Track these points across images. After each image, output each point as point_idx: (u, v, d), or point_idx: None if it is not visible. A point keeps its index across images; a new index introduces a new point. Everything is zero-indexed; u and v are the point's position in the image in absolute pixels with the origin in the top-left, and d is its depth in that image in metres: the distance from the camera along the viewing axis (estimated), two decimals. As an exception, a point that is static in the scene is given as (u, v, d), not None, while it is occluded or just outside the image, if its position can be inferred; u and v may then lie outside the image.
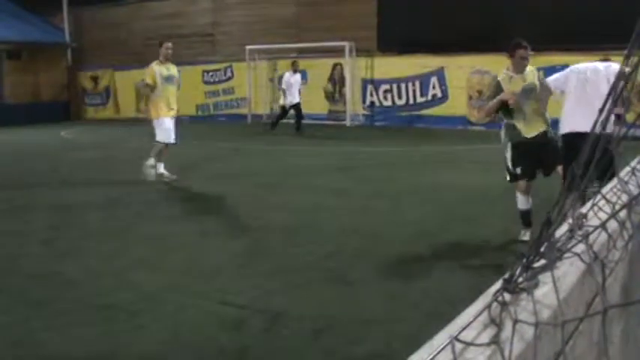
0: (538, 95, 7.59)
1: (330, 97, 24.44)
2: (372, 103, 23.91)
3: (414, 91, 22.89)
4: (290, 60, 21.33)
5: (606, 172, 1.82)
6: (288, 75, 20.14)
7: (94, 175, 13.03)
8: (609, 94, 1.60)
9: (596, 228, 1.73)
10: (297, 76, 20.34)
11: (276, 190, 10.96)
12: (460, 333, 1.18)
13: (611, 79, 7.21)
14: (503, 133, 7.67)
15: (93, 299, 5.77)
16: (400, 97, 23.23)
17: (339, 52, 23.36)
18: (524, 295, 1.37)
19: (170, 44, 12.07)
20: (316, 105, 23.55)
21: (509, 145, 7.55)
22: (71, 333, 5.00)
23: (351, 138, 19.80)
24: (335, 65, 24.29)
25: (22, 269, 6.75)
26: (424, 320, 4.99)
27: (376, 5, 23.28)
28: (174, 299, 5.71)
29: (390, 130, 21.69)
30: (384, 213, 9.22)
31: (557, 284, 1.38)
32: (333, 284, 6.13)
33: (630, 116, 12.85)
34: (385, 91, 23.53)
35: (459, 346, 1.12)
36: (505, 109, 7.48)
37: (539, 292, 1.40)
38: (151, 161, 11.56)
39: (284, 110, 20.47)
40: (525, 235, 7.43)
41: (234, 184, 11.54)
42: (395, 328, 4.99)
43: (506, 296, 1.35)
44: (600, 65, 7.88)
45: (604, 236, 1.96)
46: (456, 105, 21.97)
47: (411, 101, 23.03)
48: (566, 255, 1.68)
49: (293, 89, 19.99)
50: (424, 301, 5.53)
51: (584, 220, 2.03)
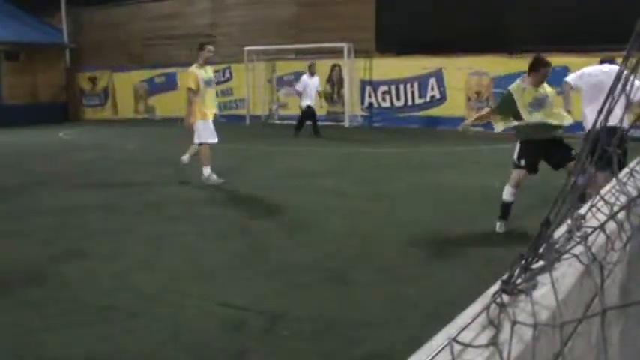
0: (551, 102, 7.85)
1: (329, 98, 24.44)
2: (371, 104, 23.93)
3: (412, 92, 22.90)
4: (288, 61, 21.33)
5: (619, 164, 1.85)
6: (305, 77, 19.86)
7: (93, 176, 13.04)
8: (609, 92, 1.61)
9: (595, 229, 1.74)
10: (315, 79, 20.08)
11: (276, 191, 10.96)
12: (459, 334, 1.18)
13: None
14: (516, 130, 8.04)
15: (92, 300, 5.77)
16: (399, 98, 23.24)
17: (337, 53, 23.37)
18: (522, 297, 1.37)
19: (212, 47, 11.91)
20: (315, 106, 23.56)
21: (518, 142, 8.02)
22: (71, 333, 5.01)
23: (350, 139, 19.80)
24: (333, 66, 24.29)
25: (22, 270, 6.75)
26: (424, 321, 4.99)
27: (375, 6, 23.29)
28: (173, 300, 5.71)
29: (389, 131, 21.69)
30: (383, 214, 9.23)
31: (555, 285, 1.39)
32: (332, 285, 6.13)
33: (629, 118, 12.82)
34: (384, 92, 23.54)
35: (457, 348, 1.12)
36: (514, 114, 7.80)
37: (537, 294, 1.40)
38: (207, 171, 11.59)
39: (303, 112, 20.26)
40: (501, 228, 7.95)
41: (233, 184, 11.53)
42: (394, 329, 5.00)
43: (505, 297, 1.36)
44: (610, 68, 8.49)
45: (602, 237, 1.96)
46: (455, 106, 21.98)
47: (410, 102, 23.04)
48: (565, 256, 1.68)
49: (310, 91, 19.73)
50: (424, 302, 5.53)
51: (582, 222, 2.03)
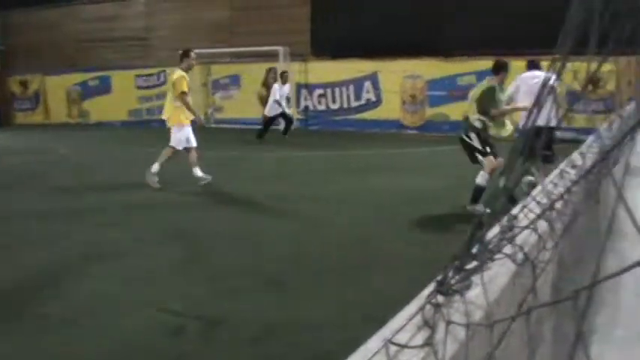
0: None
1: (264, 101, 24.39)
2: (307, 107, 23.97)
3: (348, 96, 23.03)
4: (223, 64, 21.20)
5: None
6: (277, 86, 19.64)
7: (24, 181, 12.76)
8: (539, 94, 1.64)
9: (523, 229, 1.77)
10: (286, 87, 19.98)
11: (212, 196, 10.89)
12: (394, 336, 1.19)
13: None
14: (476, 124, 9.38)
15: (26, 309, 5.65)
16: (334, 101, 23.35)
17: (272, 56, 23.34)
18: (457, 297, 1.39)
19: (194, 54, 12.12)
20: (250, 110, 23.47)
21: (473, 135, 9.32)
22: (1, 345, 4.89)
23: (286, 142, 19.78)
24: (269, 70, 24.25)
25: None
26: (362, 324, 5.01)
27: (310, 10, 23.34)
28: (110, 307, 5.62)
29: (325, 135, 21.76)
30: (320, 217, 9.24)
31: (488, 285, 1.41)
32: (272, 289, 6.12)
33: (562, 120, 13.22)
34: (319, 96, 23.62)
35: (393, 349, 1.13)
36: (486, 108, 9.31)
37: (471, 294, 1.42)
38: (156, 167, 11.61)
39: (287, 118, 20.21)
40: (478, 208, 8.77)
41: (168, 190, 11.42)
42: (333, 332, 5.01)
43: (440, 298, 1.37)
44: (539, 73, 10.55)
45: (534, 237, 2.00)
46: (390, 109, 22.18)
47: (345, 105, 23.17)
48: (498, 256, 1.71)
49: (281, 100, 19.61)
50: (361, 305, 5.55)
51: (515, 222, 2.07)
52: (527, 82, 10.62)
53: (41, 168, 14.85)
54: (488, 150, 9.23)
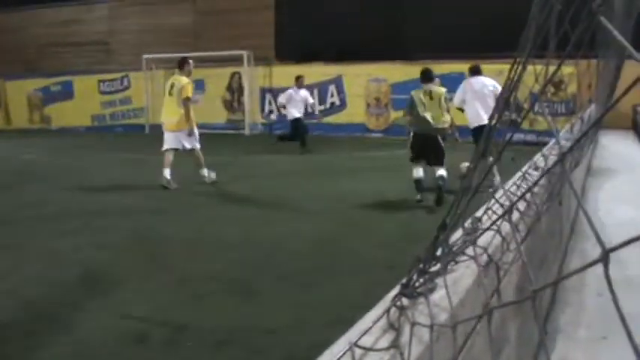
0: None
1: (229, 106, 24.35)
2: (271, 111, 23.96)
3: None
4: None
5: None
6: (291, 91, 18.51)
7: None
8: (499, 99, 1.66)
9: (486, 230, 1.78)
10: (302, 92, 18.77)
11: (174, 202, 10.83)
12: (359, 339, 1.19)
13: (488, 86, 12.26)
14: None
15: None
16: (299, 105, 23.38)
17: (237, 60, 23.31)
18: (421, 299, 1.39)
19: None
20: (214, 114, 23.41)
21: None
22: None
23: (251, 147, 19.74)
24: (233, 74, 24.22)
25: None
26: (327, 328, 5.01)
27: (274, 14, 23.37)
28: (72, 315, 5.55)
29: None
30: (284, 222, 9.23)
31: (453, 287, 1.41)
32: (235, 295, 6.09)
33: (524, 123, 13.41)
34: (284, 100, 23.64)
35: (358, 352, 1.13)
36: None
37: (436, 296, 1.43)
38: (205, 171, 12.41)
39: (293, 125, 18.82)
40: (418, 196, 10.34)
41: (130, 195, 11.34)
42: (298, 336, 5.00)
43: (405, 301, 1.37)
44: (483, 79, 12.39)
45: (498, 239, 2.01)
46: (355, 113, 22.26)
47: (309, 109, 23.19)
48: (463, 258, 1.71)
49: (298, 104, 18.40)
50: (326, 309, 5.55)
51: (479, 224, 2.08)
52: (473, 86, 12.23)
53: (3, 175, 14.64)
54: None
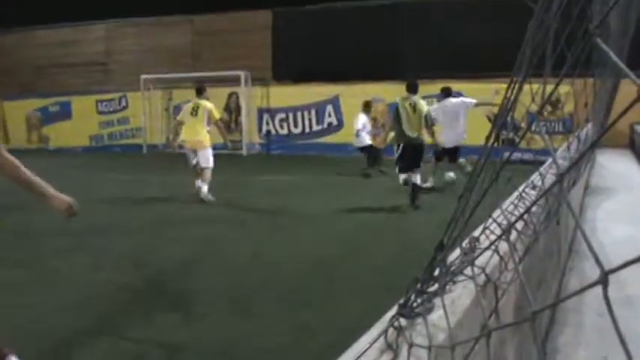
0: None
1: (226, 126, 24.40)
2: (269, 131, 24.01)
3: (309, 120, 23.11)
4: (185, 89, 21.16)
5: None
6: (363, 115, 17.81)
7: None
8: (496, 119, 1.66)
9: (484, 250, 1.77)
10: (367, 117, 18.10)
11: (173, 222, 10.81)
12: (357, 360, 1.18)
13: (465, 105, 14.46)
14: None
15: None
16: (296, 125, 23.41)
17: (234, 81, 23.38)
18: (419, 320, 1.38)
19: None
20: (212, 134, 23.42)
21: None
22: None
23: (248, 167, 19.76)
24: (230, 94, 24.28)
25: None
26: (325, 349, 4.99)
27: (271, 35, 23.46)
28: (69, 338, 5.52)
29: (287, 159, 21.79)
30: (283, 243, 9.21)
31: (451, 307, 1.41)
32: (234, 315, 6.07)
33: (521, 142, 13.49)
34: (281, 120, 23.69)
35: (356, 374, 1.12)
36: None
37: (434, 316, 1.42)
38: (205, 189, 13.16)
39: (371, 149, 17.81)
40: (400, 178, 12.03)
41: (129, 216, 11.33)
42: (297, 358, 4.98)
43: (402, 321, 1.37)
44: (455, 99, 14.45)
45: (496, 259, 2.00)
46: (352, 133, 22.26)
47: (307, 129, 23.24)
48: (460, 278, 1.71)
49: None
50: (325, 330, 5.53)
51: (476, 244, 2.07)
52: (443, 106, 14.26)
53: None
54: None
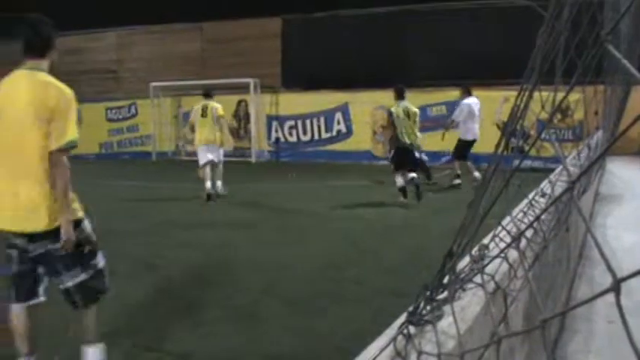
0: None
1: (235, 133, 24.41)
2: (278, 139, 24.01)
3: (318, 127, 23.10)
4: (194, 97, 21.13)
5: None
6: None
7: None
8: (506, 125, 1.66)
9: (494, 258, 1.77)
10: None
11: (181, 227, 10.82)
12: (366, 367, 1.18)
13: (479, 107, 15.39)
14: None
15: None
16: (305, 132, 23.41)
17: (243, 88, 23.40)
18: (429, 327, 1.38)
19: None
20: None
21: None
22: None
23: (257, 174, 19.77)
24: (240, 102, 24.29)
25: None
26: (333, 355, 4.99)
27: (280, 42, 23.48)
28: (75, 346, 5.53)
29: (296, 166, 21.78)
30: (291, 247, 9.21)
31: (460, 315, 1.40)
32: (241, 321, 6.06)
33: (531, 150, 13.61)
34: (290, 127, 23.68)
35: (365, 381, 1.12)
36: None
37: (444, 323, 1.41)
38: (220, 183, 14.47)
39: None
40: (402, 199, 12.76)
41: (138, 221, 11.34)
42: (304, 363, 4.98)
43: (412, 329, 1.36)
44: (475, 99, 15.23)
45: (505, 266, 2.00)
46: (361, 140, 22.27)
47: (316, 137, 23.23)
48: (470, 286, 1.70)
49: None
50: (332, 336, 5.52)
51: (485, 251, 2.07)
52: (467, 104, 15.15)
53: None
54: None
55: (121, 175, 19.75)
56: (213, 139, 14.19)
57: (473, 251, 1.94)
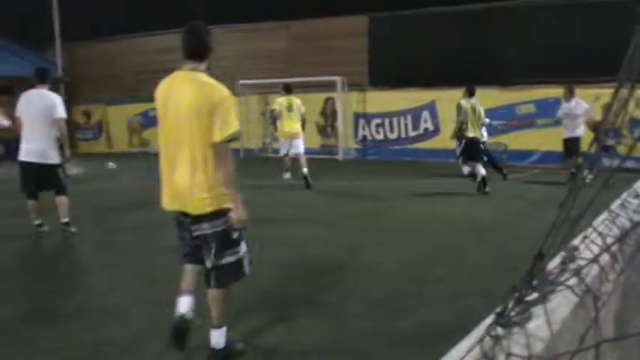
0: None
1: (322, 131, 24.51)
2: (364, 136, 23.98)
3: (405, 125, 22.97)
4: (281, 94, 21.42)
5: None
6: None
7: (97, 207, 12.83)
8: (600, 125, 1.63)
9: (589, 262, 1.73)
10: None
11: (269, 225, 10.93)
12: (453, 368, 1.17)
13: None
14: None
15: (84, 335, 5.72)
16: (392, 130, 23.30)
17: (331, 86, 23.46)
18: (516, 329, 1.36)
19: None
20: (308, 139, 23.59)
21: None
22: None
23: (344, 172, 19.81)
24: (327, 99, 24.37)
25: (15, 305, 6.70)
26: (419, 355, 4.97)
27: (367, 40, 23.45)
28: (164, 335, 5.65)
29: (383, 164, 21.74)
30: (376, 246, 9.20)
31: (549, 317, 1.38)
32: (326, 318, 6.09)
33: (622, 148, 13.26)
34: (377, 125, 23.61)
35: (451, 381, 1.11)
36: None
37: (531, 326, 1.39)
38: (306, 169, 15.46)
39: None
40: (464, 170, 14.42)
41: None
42: (389, 362, 4.97)
43: (499, 330, 1.34)
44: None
45: (596, 269, 1.95)
46: (448, 138, 22.04)
47: (403, 135, 23.10)
48: (559, 288, 1.67)
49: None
50: (418, 336, 5.50)
51: (576, 253, 2.02)
52: (571, 106, 15.31)
53: (112, 194, 15.06)
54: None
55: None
56: (297, 131, 15.35)
57: (563, 253, 1.91)
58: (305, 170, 15.34)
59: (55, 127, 9.80)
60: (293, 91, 15.88)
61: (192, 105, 4.74)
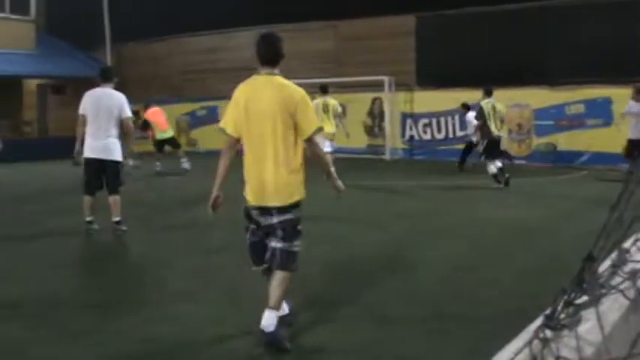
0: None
1: (370, 130, 24.49)
2: (412, 136, 23.92)
3: (453, 125, 22.85)
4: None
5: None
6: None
7: (144, 204, 12.94)
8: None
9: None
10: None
11: (316, 224, 10.93)
12: (501, 370, 1.17)
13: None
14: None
15: (134, 331, 5.78)
16: (440, 130, 23.21)
17: (378, 86, 23.42)
18: (566, 332, 1.35)
19: None
20: (355, 139, 23.59)
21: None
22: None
23: (391, 172, 19.76)
24: (374, 99, 24.35)
25: (67, 301, 6.80)
26: (464, 356, 4.94)
27: (414, 40, 23.37)
28: (215, 332, 5.69)
29: (430, 164, 21.65)
30: (422, 247, 9.17)
31: (600, 321, 1.37)
32: (371, 319, 6.07)
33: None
34: (424, 125, 23.54)
35: (500, 383, 1.11)
36: None
37: (581, 329, 1.38)
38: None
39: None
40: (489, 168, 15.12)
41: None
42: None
43: (548, 332, 1.34)
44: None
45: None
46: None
47: (451, 135, 22.99)
48: (609, 291, 1.66)
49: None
50: (464, 338, 5.46)
51: (627, 256, 2.00)
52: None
53: (159, 192, 15.23)
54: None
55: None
56: (331, 132, 15.23)
57: (613, 255, 1.89)
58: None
59: (119, 125, 10.07)
60: (339, 91, 16.11)
61: (275, 105, 5.22)
